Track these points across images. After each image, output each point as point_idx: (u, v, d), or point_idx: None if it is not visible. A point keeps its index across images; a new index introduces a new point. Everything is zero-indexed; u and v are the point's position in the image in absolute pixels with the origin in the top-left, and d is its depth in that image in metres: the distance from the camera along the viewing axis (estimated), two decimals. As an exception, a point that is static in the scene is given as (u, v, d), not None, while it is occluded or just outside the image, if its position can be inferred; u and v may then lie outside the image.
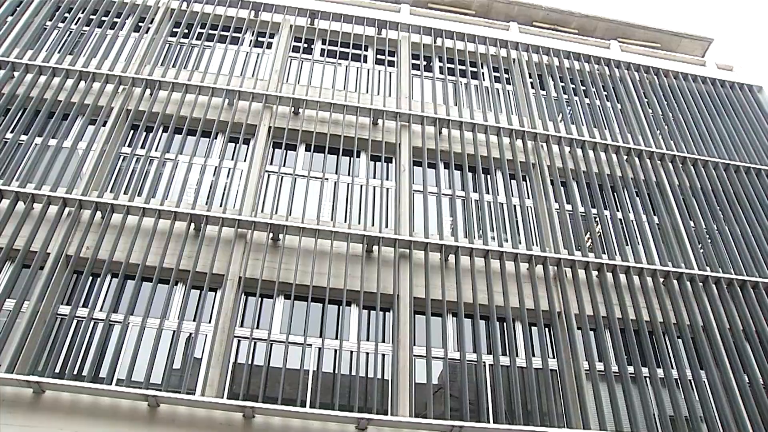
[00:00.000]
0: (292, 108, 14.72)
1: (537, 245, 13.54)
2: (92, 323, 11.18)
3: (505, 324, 12.11)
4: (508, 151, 14.96)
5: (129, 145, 14.01)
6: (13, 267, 11.42)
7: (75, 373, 10.47)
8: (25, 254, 11.58)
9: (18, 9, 16.11)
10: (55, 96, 14.14)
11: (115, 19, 16.45)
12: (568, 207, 14.26)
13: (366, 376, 11.26)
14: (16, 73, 14.45)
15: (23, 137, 13.52)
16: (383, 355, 11.54)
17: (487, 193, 14.32)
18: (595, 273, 13.09)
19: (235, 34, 16.65)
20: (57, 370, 10.58)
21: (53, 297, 11.28)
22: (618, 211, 14.51)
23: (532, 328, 12.20)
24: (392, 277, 12.20)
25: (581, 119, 16.27)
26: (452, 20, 18.69)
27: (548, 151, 15.11)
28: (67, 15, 16.33)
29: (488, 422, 10.73)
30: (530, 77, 17.15)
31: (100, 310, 11.39)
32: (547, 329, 12.32)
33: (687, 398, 11.68)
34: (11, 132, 13.55)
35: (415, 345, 11.54)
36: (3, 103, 13.77)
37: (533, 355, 11.81)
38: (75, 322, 11.15)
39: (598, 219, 14.20)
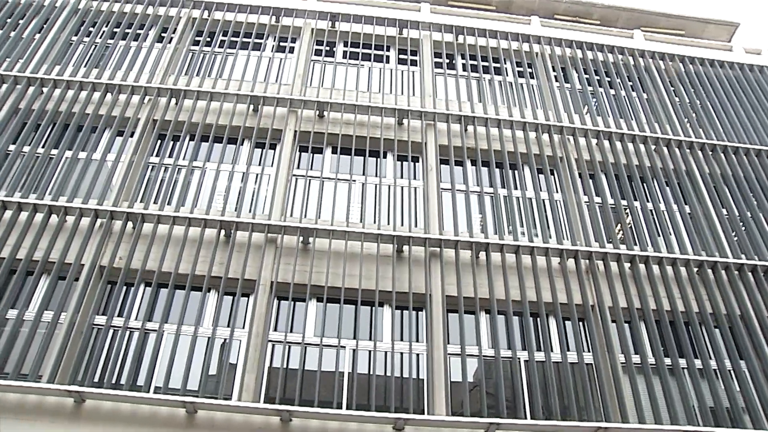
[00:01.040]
0: (317, 111, 14.76)
1: (568, 239, 13.45)
2: (128, 332, 11.31)
3: (538, 319, 12.03)
4: (534, 145, 14.89)
5: (157, 155, 14.14)
6: (50, 279, 11.57)
7: (113, 381, 10.62)
8: (60, 266, 11.74)
9: (45, 26, 16.33)
10: (82, 109, 14.31)
11: (139, 31, 16.63)
12: (598, 199, 14.17)
13: (401, 376, 11.25)
14: (44, 89, 14.67)
15: (54, 151, 13.71)
16: (417, 355, 11.53)
17: (516, 188, 14.26)
18: (627, 265, 12.97)
19: (257, 40, 16.72)
20: (96, 380, 10.72)
21: (89, 307, 11.43)
22: (648, 201, 14.39)
23: (566, 322, 12.14)
24: (424, 277, 12.19)
25: (607, 110, 16.13)
26: (473, 17, 18.64)
27: (575, 143, 15.00)
28: (91, 29, 16.52)
29: (525, 418, 10.68)
30: (554, 70, 17.08)
31: (135, 319, 11.51)
32: (581, 323, 12.23)
33: (727, 389, 11.53)
34: (42, 147, 13.73)
35: (449, 343, 11.53)
36: (33, 118, 13.99)
37: (568, 350, 11.75)
38: (111, 331, 11.28)
39: (628, 210, 14.07)
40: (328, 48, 16.92)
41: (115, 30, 16.62)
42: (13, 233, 12.15)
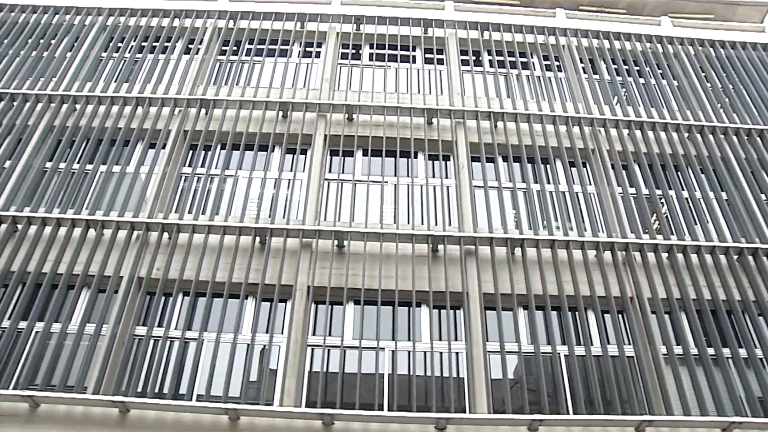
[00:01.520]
0: (346, 114, 14.81)
1: (603, 231, 13.31)
2: (168, 342, 11.45)
3: (577, 313, 11.96)
4: (565, 138, 14.80)
5: (189, 165, 14.30)
6: (90, 293, 11.76)
7: (156, 391, 10.76)
8: (99, 279, 11.93)
9: (75, 44, 16.64)
10: (115, 124, 14.53)
11: (166, 44, 16.86)
12: (632, 190, 14.03)
13: (441, 375, 11.25)
14: (77, 106, 14.91)
15: (89, 166, 13.93)
16: (457, 354, 11.52)
17: (548, 182, 14.15)
18: (665, 255, 12.82)
19: (283, 47, 16.82)
20: (139, 389, 10.86)
21: (129, 319, 11.62)
22: (684, 190, 14.22)
23: (605, 315, 12.03)
24: (460, 275, 12.17)
25: (637, 100, 15.95)
26: (498, 12, 18.54)
27: (606, 135, 14.86)
28: (120, 45, 16.79)
29: (568, 413, 10.59)
30: (581, 62, 16.93)
31: (175, 328, 11.65)
32: (620, 315, 12.11)
33: (774, 377, 11.34)
34: (77, 162, 13.96)
35: (488, 341, 11.49)
36: (68, 135, 14.26)
37: (608, 343, 11.62)
38: (152, 341, 11.43)
39: (663, 200, 13.91)
40: (354, 51, 16.96)
41: (142, 44, 16.87)
42: (53, 249, 12.39)
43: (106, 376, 10.76)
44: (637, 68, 16.96)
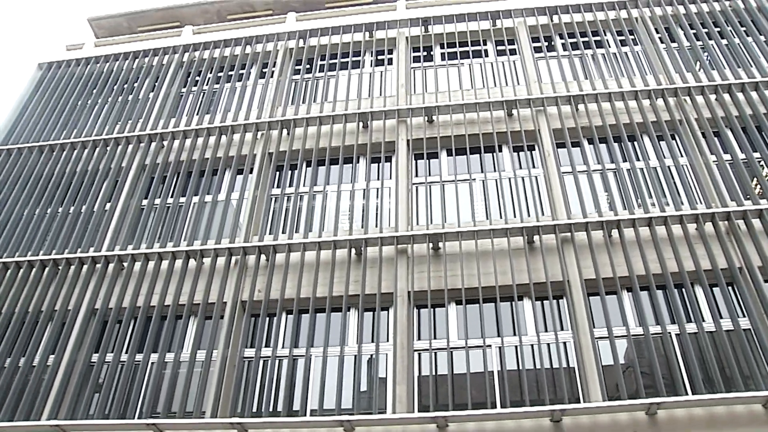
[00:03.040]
0: (426, 117, 14.86)
1: (701, 203, 12.85)
2: (277, 361, 11.71)
3: (684, 290, 11.59)
4: (650, 113, 14.39)
5: (278, 186, 14.63)
6: (197, 320, 12.20)
7: (271, 409, 11.05)
8: (205, 307, 12.36)
9: (156, 84, 17.29)
10: (202, 155, 15.02)
11: (241, 71, 17.30)
12: (727, 156, 13.50)
13: (551, 367, 11.13)
14: (164, 142, 15.48)
15: (182, 199, 14.43)
16: (564, 344, 11.37)
17: (638, 159, 13.81)
18: (771, 219, 12.31)
19: (354, 58, 17.00)
20: (254, 410, 11.16)
21: (237, 342, 11.99)
22: (784, 149, 13.60)
23: (714, 289, 11.61)
24: (559, 264, 12.02)
25: (722, 62, 15.37)
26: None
27: (693, 103, 14.38)
28: (197, 78, 17.34)
29: (687, 394, 10.23)
30: (657, 32, 16.43)
31: (282, 347, 11.92)
32: (730, 288, 11.64)
33: None
34: (171, 197, 14.48)
35: (594, 327, 11.30)
36: (159, 171, 14.84)
37: (721, 318, 11.18)
38: (261, 362, 11.72)
39: (762, 162, 13.36)
40: (425, 53, 17.01)
41: (219, 75, 17.39)
42: (158, 282, 12.91)
43: (221, 400, 11.15)
44: (718, 29, 16.30)
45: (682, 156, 13.81)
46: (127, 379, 11.80)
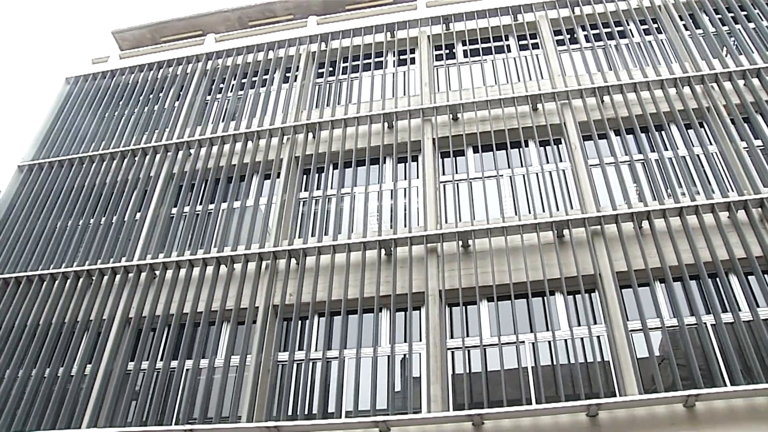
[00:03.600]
0: (451, 115, 14.82)
1: (733, 190, 12.68)
2: (311, 363, 11.75)
3: (718, 279, 11.43)
4: (677, 101, 14.22)
5: (305, 190, 14.67)
6: (230, 326, 12.28)
7: (306, 412, 11.08)
8: (237, 312, 12.45)
9: (181, 93, 17.43)
10: (228, 162, 15.14)
11: (264, 77, 17.38)
12: (758, 142, 13.27)
13: (585, 361, 11.05)
14: (191, 150, 15.61)
15: (210, 206, 14.53)
16: (598, 337, 11.29)
17: (666, 149, 13.66)
18: (807, 204, 12.09)
19: (377, 59, 17.05)
20: (289, 413, 11.23)
21: (270, 346, 12.04)
22: (817, 133, 13.34)
23: (749, 277, 11.42)
24: (590, 257, 11.93)
25: (749, 47, 15.09)
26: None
27: (720, 89, 14.18)
28: (221, 86, 17.45)
29: (725, 385, 10.09)
30: (681, 19, 16.21)
31: (315, 350, 11.96)
32: (766, 276, 11.43)
33: None
34: (200, 204, 14.59)
35: (628, 320, 11.20)
36: (187, 180, 14.97)
37: (757, 306, 11.03)
38: (295, 365, 11.77)
39: (795, 146, 13.13)
40: (447, 51, 16.97)
41: (242, 81, 17.48)
42: (189, 289, 13.03)
43: (257, 404, 11.24)
44: (744, 13, 16.02)
45: (711, 144, 13.63)
46: (163, 386, 11.94)
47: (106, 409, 11.87)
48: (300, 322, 12.45)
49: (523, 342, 11.29)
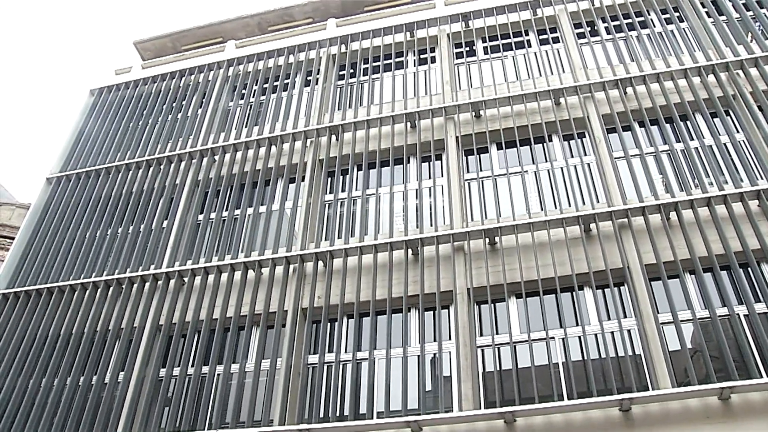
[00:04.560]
0: (473, 112, 14.78)
1: (763, 178, 12.46)
2: (341, 365, 11.77)
3: (749, 269, 11.25)
4: (701, 90, 14.02)
5: (330, 192, 14.70)
6: (260, 330, 12.33)
7: (338, 414, 11.11)
8: (266, 316, 12.49)
9: (203, 100, 17.56)
10: (253, 167, 15.22)
11: (286, 81, 17.44)
12: (786, 129, 13.07)
13: (616, 355, 10.97)
14: (216, 157, 15.70)
15: (236, 212, 14.61)
16: (629, 331, 11.18)
17: (692, 139, 13.50)
18: (840, 190, 11.86)
19: (398, 59, 17.05)
20: (321, 415, 11.27)
21: (300, 349, 12.08)
22: None
23: (783, 266, 11.27)
24: (618, 250, 11.82)
25: (774, 32, 14.88)
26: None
27: (746, 76, 13.97)
28: (243, 91, 17.56)
29: (761, 377, 9.88)
30: (703, 6, 15.96)
31: (345, 351, 11.97)
32: (799, 264, 11.32)
33: None
34: (226, 210, 14.68)
35: (659, 313, 11.09)
36: (213, 186, 15.08)
37: (792, 295, 10.84)
38: (325, 367, 11.79)
39: (825, 132, 12.90)
40: (467, 48, 16.92)
41: (264, 86, 17.55)
42: (218, 295, 13.10)
43: (288, 407, 11.29)
44: (769, -3, 15.81)
45: (738, 132, 13.44)
46: (194, 391, 12.03)
47: (139, 415, 11.98)
48: (329, 324, 12.48)
49: (553, 338, 11.23)
